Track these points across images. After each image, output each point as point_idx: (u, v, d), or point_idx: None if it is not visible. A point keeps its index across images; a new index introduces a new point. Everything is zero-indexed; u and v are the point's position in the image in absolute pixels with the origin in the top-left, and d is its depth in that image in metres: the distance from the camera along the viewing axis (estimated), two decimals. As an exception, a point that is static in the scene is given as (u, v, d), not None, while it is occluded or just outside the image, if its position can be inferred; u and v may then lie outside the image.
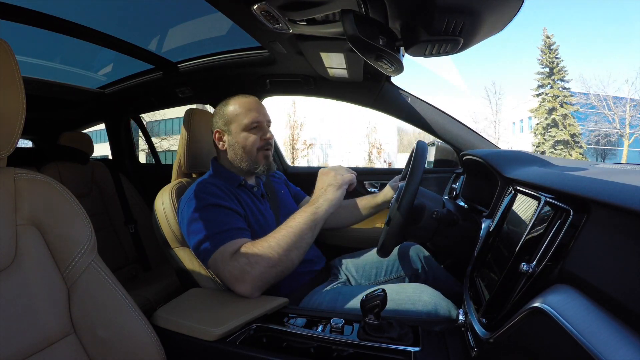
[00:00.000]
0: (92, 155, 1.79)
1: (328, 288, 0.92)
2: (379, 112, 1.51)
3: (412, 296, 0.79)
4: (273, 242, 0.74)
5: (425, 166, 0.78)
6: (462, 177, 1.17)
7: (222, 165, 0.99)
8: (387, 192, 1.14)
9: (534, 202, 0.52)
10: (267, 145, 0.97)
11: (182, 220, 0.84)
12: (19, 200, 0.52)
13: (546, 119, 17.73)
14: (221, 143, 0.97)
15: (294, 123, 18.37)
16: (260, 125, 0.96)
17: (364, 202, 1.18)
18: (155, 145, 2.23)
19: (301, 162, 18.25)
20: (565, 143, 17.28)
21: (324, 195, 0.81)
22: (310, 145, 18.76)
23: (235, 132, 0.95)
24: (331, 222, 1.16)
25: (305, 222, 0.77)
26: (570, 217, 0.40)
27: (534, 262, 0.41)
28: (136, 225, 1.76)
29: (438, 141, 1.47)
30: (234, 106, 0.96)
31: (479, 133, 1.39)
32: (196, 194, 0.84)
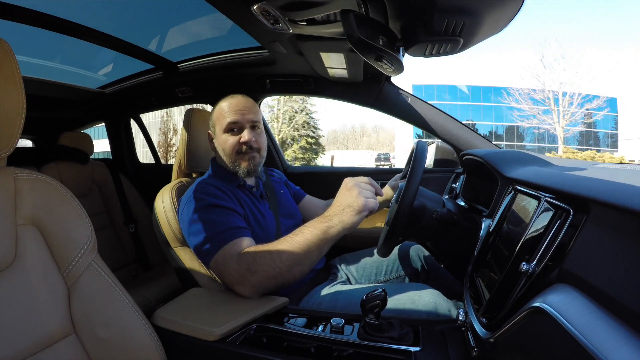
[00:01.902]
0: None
1: (328, 288, 0.92)
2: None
3: (412, 296, 0.79)
4: (276, 255, 0.71)
5: (425, 166, 0.78)
6: (462, 177, 1.17)
7: (220, 165, 0.99)
8: (387, 192, 1.14)
9: (534, 202, 0.52)
10: (248, 149, 0.92)
11: (182, 221, 0.84)
12: (19, 200, 0.52)
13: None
14: (212, 144, 0.98)
15: (166, 129, 19.73)
16: (239, 126, 0.93)
17: None
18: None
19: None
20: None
21: (340, 216, 0.70)
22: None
23: (218, 134, 0.95)
24: None
25: (313, 240, 0.70)
26: (570, 217, 0.40)
27: (534, 262, 0.41)
28: (136, 225, 1.76)
29: (438, 141, 1.47)
30: (220, 107, 0.95)
31: (479, 133, 1.39)
32: (195, 195, 0.84)
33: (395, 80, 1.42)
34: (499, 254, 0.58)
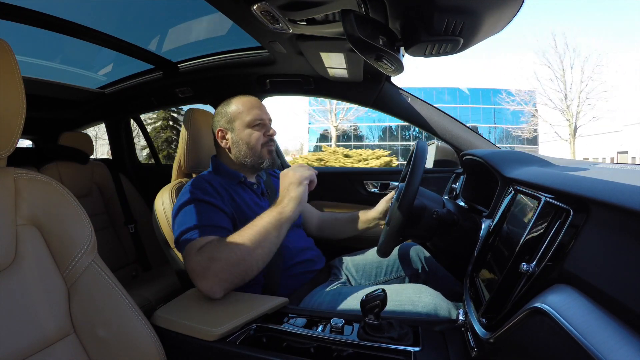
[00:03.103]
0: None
1: (328, 288, 0.92)
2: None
3: (412, 296, 0.79)
4: (237, 240, 0.73)
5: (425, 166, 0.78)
6: (462, 177, 1.17)
7: (222, 162, 1.00)
8: (379, 208, 1.11)
9: (534, 202, 0.52)
10: (271, 141, 0.99)
11: (172, 212, 0.86)
12: (19, 200, 0.52)
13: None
14: (224, 141, 0.98)
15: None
16: (263, 122, 0.98)
17: (357, 217, 1.15)
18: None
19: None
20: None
21: (288, 195, 0.80)
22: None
23: (238, 130, 0.97)
24: (326, 233, 1.19)
25: (270, 221, 0.76)
26: (570, 217, 0.40)
27: (534, 262, 0.41)
28: (136, 225, 1.76)
29: (438, 141, 1.47)
30: (237, 105, 0.98)
31: (479, 133, 1.39)
32: (187, 188, 0.86)
33: (395, 80, 1.42)
34: (499, 254, 0.58)
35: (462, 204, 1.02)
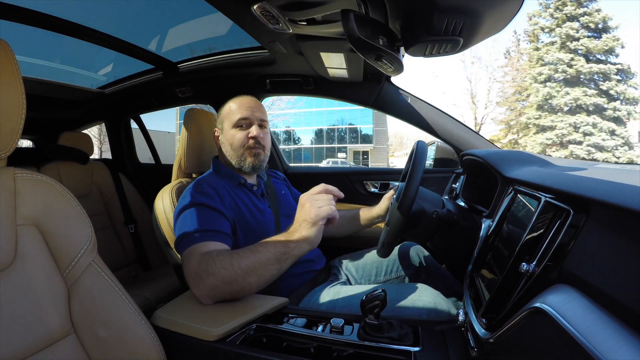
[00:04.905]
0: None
1: (328, 288, 0.92)
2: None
3: (412, 296, 0.79)
4: (236, 259, 0.69)
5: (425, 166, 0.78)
6: (462, 177, 1.17)
7: (222, 163, 1.00)
8: (382, 205, 1.13)
9: (534, 202, 0.52)
10: (255, 144, 0.95)
11: (174, 215, 0.86)
12: (19, 200, 0.52)
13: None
14: (218, 142, 0.99)
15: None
16: (249, 122, 0.96)
17: (359, 215, 1.17)
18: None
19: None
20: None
21: (299, 232, 0.71)
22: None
23: (226, 130, 0.97)
24: (327, 232, 1.17)
25: (274, 252, 0.70)
26: (570, 217, 0.40)
27: (534, 262, 0.41)
28: (136, 225, 1.76)
29: (438, 141, 1.47)
30: (229, 105, 0.98)
31: (479, 133, 1.39)
32: (190, 191, 0.86)
33: (394, 80, 1.42)
34: (499, 254, 0.58)
35: (462, 204, 1.02)
